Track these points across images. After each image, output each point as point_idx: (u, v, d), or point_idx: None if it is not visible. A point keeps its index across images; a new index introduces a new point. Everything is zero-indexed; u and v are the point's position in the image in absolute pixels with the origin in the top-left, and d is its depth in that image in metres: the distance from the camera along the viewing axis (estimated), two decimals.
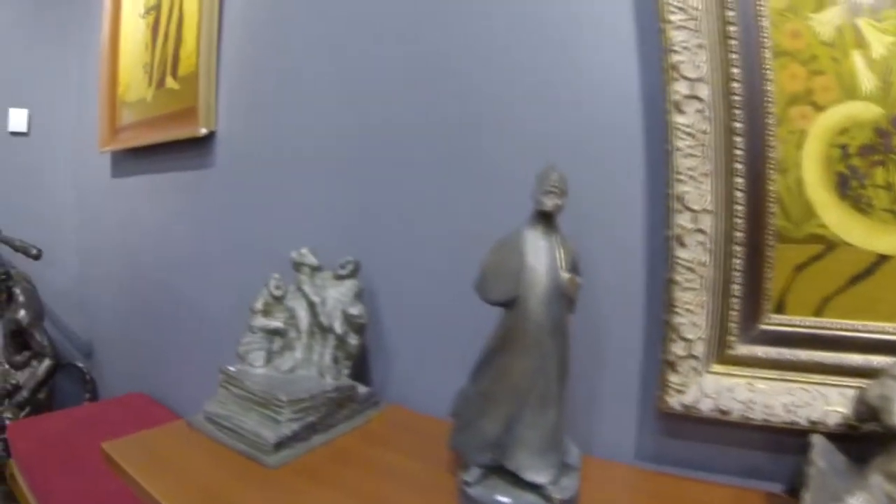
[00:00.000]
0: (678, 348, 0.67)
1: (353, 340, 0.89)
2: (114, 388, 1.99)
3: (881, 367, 0.57)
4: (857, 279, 0.61)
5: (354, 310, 0.88)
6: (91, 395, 2.07)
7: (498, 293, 0.62)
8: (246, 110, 1.30)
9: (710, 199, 0.65)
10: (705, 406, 0.66)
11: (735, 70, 0.63)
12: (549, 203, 0.61)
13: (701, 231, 0.66)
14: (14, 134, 2.12)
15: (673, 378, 0.68)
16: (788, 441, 0.63)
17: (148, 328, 1.73)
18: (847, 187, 0.61)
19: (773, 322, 0.65)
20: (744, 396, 0.64)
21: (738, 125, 0.63)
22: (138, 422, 1.50)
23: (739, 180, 0.64)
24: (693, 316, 0.67)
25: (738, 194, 0.64)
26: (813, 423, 0.60)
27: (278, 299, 0.91)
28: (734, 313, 0.66)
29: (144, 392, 1.74)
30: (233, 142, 1.34)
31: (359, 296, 0.91)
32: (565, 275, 0.62)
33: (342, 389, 0.84)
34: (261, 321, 0.90)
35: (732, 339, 0.66)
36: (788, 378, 0.63)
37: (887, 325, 0.60)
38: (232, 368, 0.85)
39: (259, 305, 0.91)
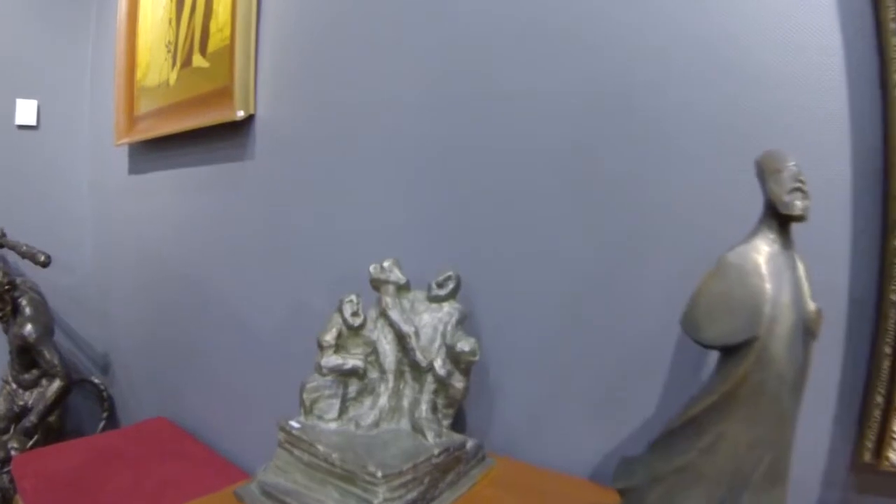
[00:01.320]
0: None
1: (459, 383, 0.68)
2: (133, 408, 1.80)
3: None
4: None
5: (464, 345, 0.67)
6: (108, 413, 1.87)
7: (724, 332, 0.44)
8: (292, 89, 1.10)
9: None
10: None
11: None
12: (800, 206, 0.44)
13: None
14: (22, 127, 1.92)
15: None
16: None
17: (173, 344, 1.53)
18: None
19: None
20: None
21: None
22: (161, 455, 1.32)
23: None
24: None
25: None
26: None
27: (356, 330, 0.71)
28: None
29: (167, 416, 1.54)
30: (276, 127, 1.13)
31: (461, 323, 0.71)
32: (812, 305, 0.45)
33: (451, 450, 0.64)
34: (333, 360, 0.69)
35: None
36: None
37: None
38: (295, 424, 0.65)
39: (330, 338, 0.70)
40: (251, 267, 1.21)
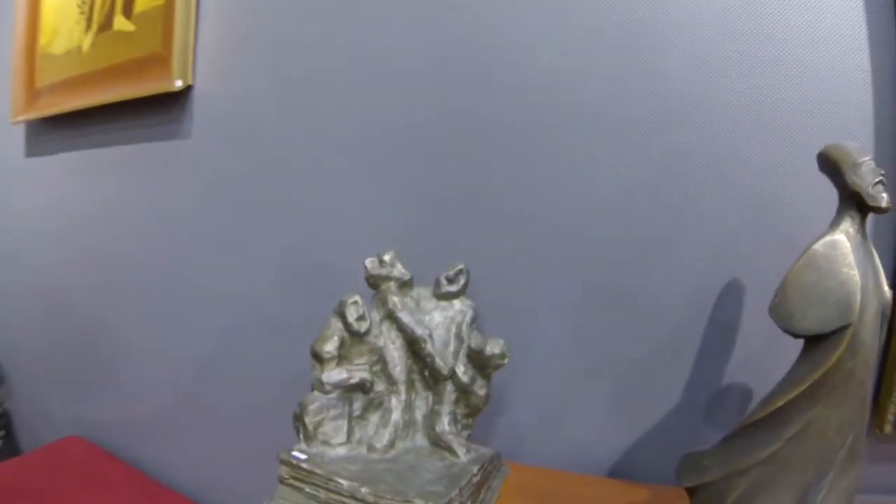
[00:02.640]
0: None
1: (482, 390, 0.63)
2: (38, 427, 1.49)
3: None
4: None
5: (494, 346, 0.61)
6: (5, 432, 1.62)
7: (819, 321, 0.45)
8: (240, 57, 0.96)
9: None
10: None
11: None
12: (886, 198, 0.46)
13: None
14: None
15: None
16: None
17: (87, 348, 1.28)
18: None
19: None
20: None
21: None
22: (79, 483, 1.08)
23: None
24: None
25: None
26: None
27: (360, 336, 0.62)
28: None
29: (82, 434, 1.26)
30: (220, 101, 0.99)
31: (475, 321, 0.65)
32: (889, 292, 0.47)
33: (485, 466, 0.59)
34: (336, 374, 0.60)
35: None
36: None
37: None
38: (301, 455, 0.56)
39: (331, 349, 0.61)
40: (186, 259, 1.05)
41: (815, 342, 0.45)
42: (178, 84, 0.97)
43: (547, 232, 0.72)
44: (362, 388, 0.61)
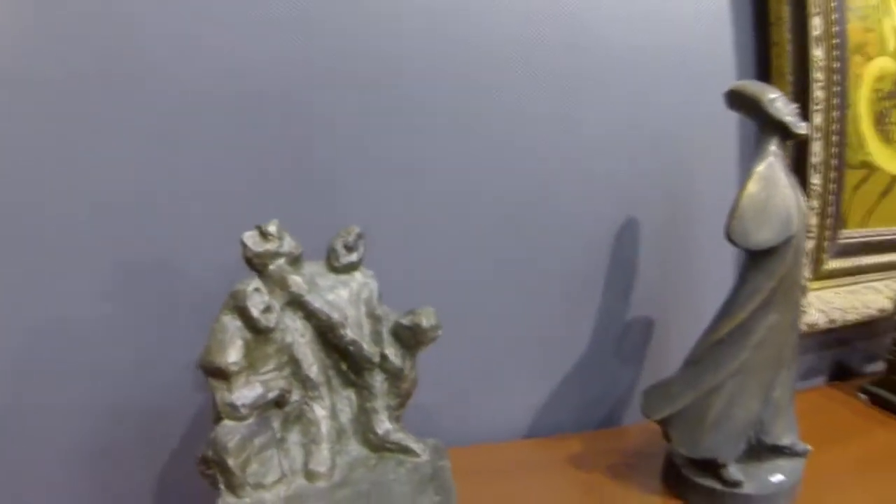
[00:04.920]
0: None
1: (412, 372, 0.54)
2: None
3: None
4: (883, 195, 0.85)
5: (425, 318, 0.51)
6: None
7: (770, 235, 0.53)
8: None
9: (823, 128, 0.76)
10: (821, 321, 0.79)
11: (834, 16, 0.74)
12: (804, 125, 0.55)
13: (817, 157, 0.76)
14: None
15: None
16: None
17: None
18: (881, 123, 0.83)
19: (844, 237, 0.82)
20: (838, 303, 0.81)
21: (835, 64, 0.75)
22: None
23: (835, 113, 0.76)
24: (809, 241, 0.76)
25: (834, 126, 0.76)
26: (881, 310, 0.84)
27: (267, 333, 0.45)
28: (827, 232, 0.79)
29: None
30: None
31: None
32: (806, 204, 0.58)
33: (445, 459, 0.52)
34: (248, 392, 0.43)
35: (826, 255, 0.80)
36: (859, 281, 0.84)
37: None
38: None
39: (237, 357, 0.43)
40: None
41: (763, 255, 0.54)
42: None
43: (432, 184, 0.66)
44: (279, 401, 0.46)
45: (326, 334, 0.51)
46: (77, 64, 0.54)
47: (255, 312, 0.45)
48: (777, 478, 0.57)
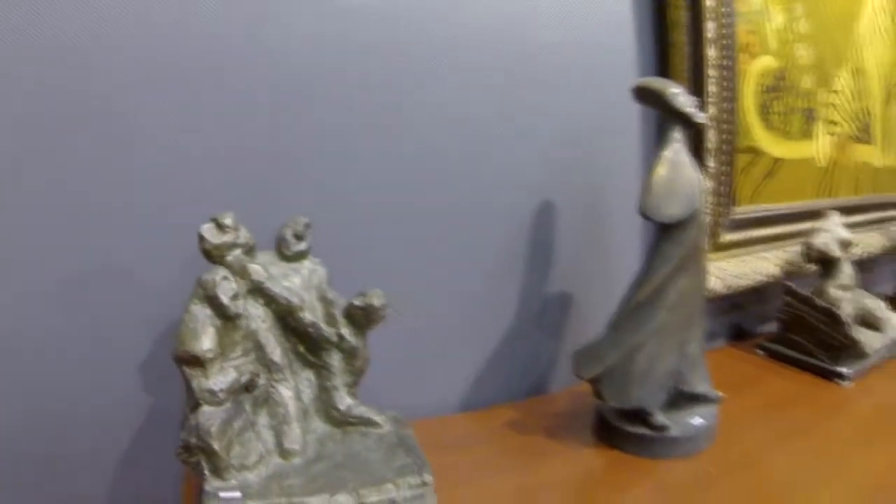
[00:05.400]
0: None
1: (365, 350, 0.58)
2: None
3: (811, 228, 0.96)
4: (766, 176, 0.98)
5: (374, 298, 0.56)
6: None
7: (678, 209, 0.62)
8: None
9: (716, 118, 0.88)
10: (719, 287, 0.90)
11: (725, 21, 0.85)
12: (703, 115, 0.65)
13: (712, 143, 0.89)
14: None
15: None
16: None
17: None
18: (764, 113, 0.96)
19: (736, 213, 0.94)
20: (732, 271, 0.93)
21: (725, 62, 0.86)
22: None
23: (725, 105, 0.88)
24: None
25: (725, 116, 0.88)
26: (770, 276, 0.97)
27: (234, 320, 0.48)
28: (722, 209, 0.91)
29: None
30: None
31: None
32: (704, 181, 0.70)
33: (407, 440, 0.56)
34: (223, 378, 0.46)
35: (721, 230, 0.92)
36: (750, 251, 0.97)
37: (784, 205, 1.02)
38: (235, 494, 0.43)
39: (211, 345, 0.46)
40: None
41: (673, 228, 0.62)
42: None
43: (360, 176, 0.69)
44: (248, 386, 0.49)
45: (286, 318, 0.55)
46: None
47: (225, 300, 0.48)
48: (697, 421, 0.66)
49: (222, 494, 0.43)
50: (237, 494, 0.44)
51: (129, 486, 0.64)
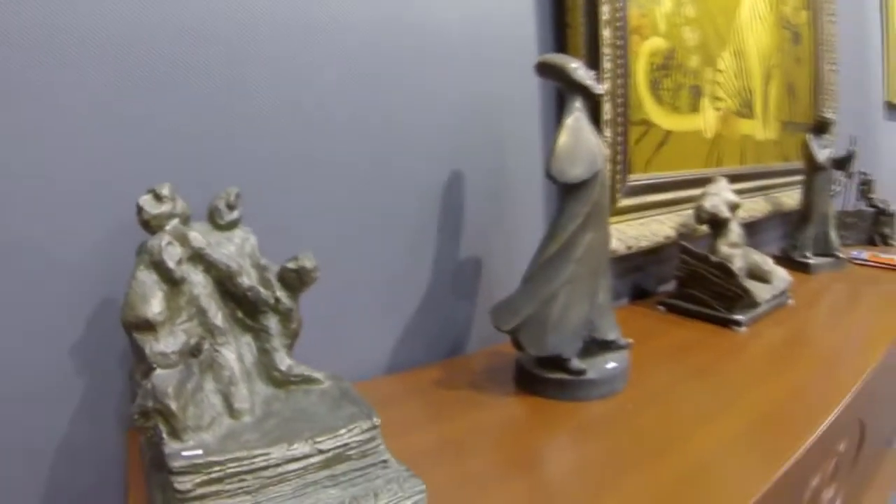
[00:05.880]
0: None
1: (298, 312, 0.62)
2: None
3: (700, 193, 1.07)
4: (659, 146, 1.09)
5: (306, 260, 0.60)
6: None
7: (581, 171, 0.70)
8: None
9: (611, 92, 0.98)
10: (620, 248, 1.00)
11: (618, 4, 0.96)
12: (601, 87, 0.74)
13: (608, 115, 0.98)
14: None
15: None
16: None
17: None
18: (655, 88, 1.07)
19: (631, 180, 1.05)
20: (632, 233, 1.03)
21: (619, 42, 0.96)
22: None
23: (619, 81, 0.98)
24: None
25: (619, 90, 0.98)
26: (667, 237, 1.08)
27: (179, 285, 0.51)
28: (619, 176, 1.02)
29: None
30: None
31: None
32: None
33: (349, 392, 0.60)
34: (173, 341, 0.49)
35: (619, 195, 1.02)
36: (646, 215, 1.07)
37: (676, 172, 1.15)
38: (196, 452, 0.46)
39: (160, 308, 0.49)
40: None
41: (577, 188, 0.70)
42: None
43: (282, 149, 0.73)
44: (194, 351, 0.52)
45: (225, 284, 0.58)
46: None
47: (171, 264, 0.51)
48: (611, 364, 0.75)
49: (184, 453, 0.46)
50: (199, 451, 0.46)
51: (62, 475, 0.65)
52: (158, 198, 0.55)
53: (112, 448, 0.66)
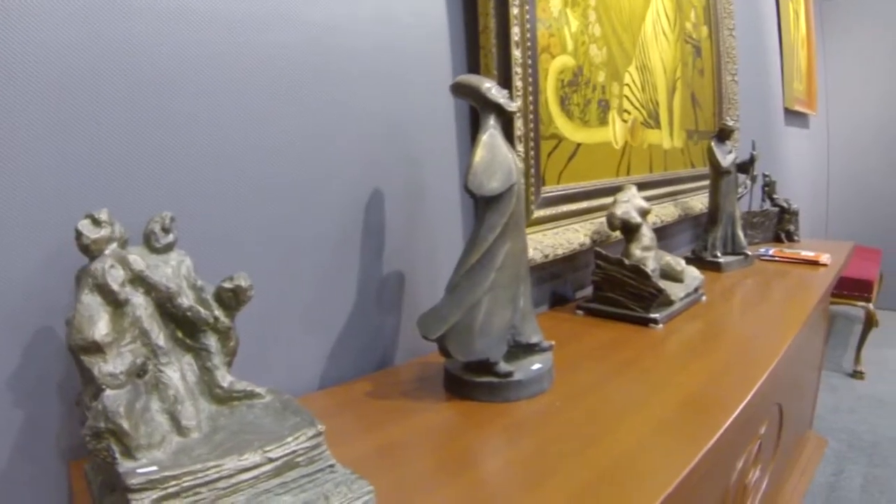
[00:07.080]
0: None
1: (235, 332, 0.67)
2: None
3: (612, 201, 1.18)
4: (570, 158, 1.20)
5: (241, 279, 0.65)
6: None
7: (498, 184, 0.78)
8: None
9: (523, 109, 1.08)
10: (537, 256, 1.09)
11: (528, 26, 1.06)
12: (514, 105, 0.83)
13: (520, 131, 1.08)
14: None
15: None
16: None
17: None
18: (564, 104, 1.18)
19: (545, 192, 1.15)
20: (548, 242, 1.13)
21: (529, 61, 1.06)
22: None
23: (530, 98, 1.08)
24: None
25: (530, 107, 1.08)
26: (581, 244, 1.18)
27: (122, 307, 0.56)
28: (533, 189, 1.11)
29: None
30: None
31: None
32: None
33: (290, 403, 0.65)
34: (120, 361, 0.53)
35: (534, 207, 1.12)
36: (561, 225, 1.18)
37: (588, 183, 1.26)
38: (151, 469, 0.49)
39: (107, 329, 0.53)
40: None
41: (495, 200, 0.77)
42: None
43: (210, 174, 0.77)
44: (139, 372, 0.56)
45: (165, 305, 0.62)
46: None
47: (115, 286, 0.56)
48: (536, 366, 0.83)
49: (140, 471, 0.49)
50: (154, 468, 0.50)
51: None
52: (97, 222, 0.59)
53: (53, 482, 0.69)
